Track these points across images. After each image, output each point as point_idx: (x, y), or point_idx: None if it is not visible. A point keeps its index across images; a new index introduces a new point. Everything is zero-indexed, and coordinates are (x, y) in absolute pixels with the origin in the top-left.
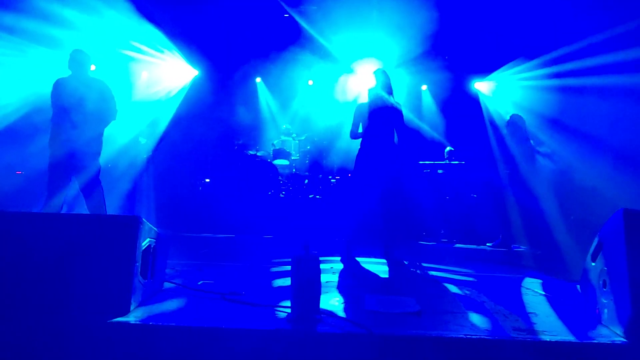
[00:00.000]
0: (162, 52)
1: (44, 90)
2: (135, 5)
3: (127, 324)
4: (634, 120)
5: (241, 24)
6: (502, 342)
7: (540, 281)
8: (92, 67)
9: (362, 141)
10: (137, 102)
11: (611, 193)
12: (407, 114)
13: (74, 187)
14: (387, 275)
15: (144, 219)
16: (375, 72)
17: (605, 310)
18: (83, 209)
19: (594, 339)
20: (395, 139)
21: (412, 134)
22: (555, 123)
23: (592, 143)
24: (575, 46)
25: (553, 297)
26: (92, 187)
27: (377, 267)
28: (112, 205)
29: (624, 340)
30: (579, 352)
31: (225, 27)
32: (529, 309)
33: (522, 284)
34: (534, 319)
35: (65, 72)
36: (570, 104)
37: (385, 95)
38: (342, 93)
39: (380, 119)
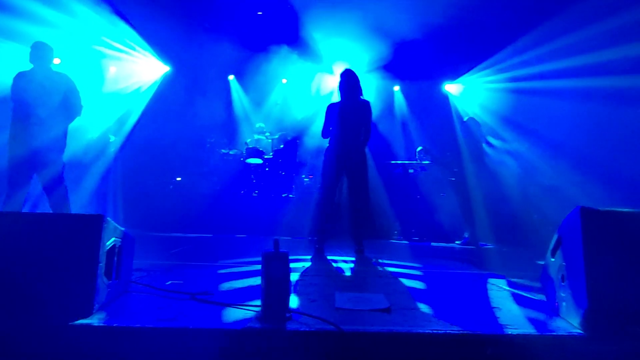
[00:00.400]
0: (131, 47)
1: (3, 84)
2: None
3: (89, 326)
4: (592, 122)
5: (213, 20)
6: (467, 335)
7: (504, 277)
8: (56, 61)
9: (330, 140)
10: (105, 97)
11: (572, 192)
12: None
13: (37, 184)
14: (357, 274)
15: (108, 218)
16: (343, 72)
17: (564, 304)
18: (47, 207)
19: (552, 332)
20: (365, 138)
21: (380, 133)
22: (516, 124)
23: (552, 144)
24: (535, 52)
25: (516, 292)
26: (55, 185)
27: (348, 265)
28: (78, 203)
29: (581, 332)
30: (538, 344)
31: (197, 23)
32: (493, 304)
33: (488, 280)
34: (497, 314)
35: (26, 66)
36: (531, 106)
37: (355, 96)
38: (316, 91)
39: (349, 118)
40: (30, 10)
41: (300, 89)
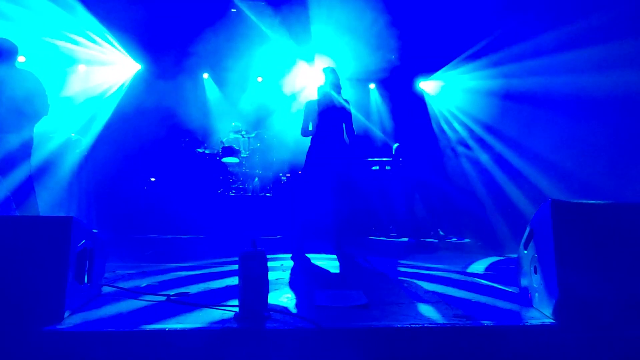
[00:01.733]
0: (100, 45)
1: None
2: None
3: (60, 331)
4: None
5: (186, 16)
6: (444, 329)
7: (480, 270)
8: (21, 59)
9: (312, 139)
10: (74, 97)
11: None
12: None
13: (2, 189)
14: (337, 271)
15: (78, 220)
16: (324, 70)
17: (536, 294)
18: (12, 212)
19: (526, 322)
20: (345, 136)
21: (360, 132)
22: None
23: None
24: (515, 49)
25: (491, 285)
26: (23, 190)
27: (328, 262)
28: (47, 207)
29: (553, 321)
30: (512, 334)
31: (169, 19)
32: (469, 297)
33: (464, 274)
34: (473, 306)
35: None
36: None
37: (334, 94)
38: (291, 88)
39: (330, 117)
40: None
41: (275, 87)
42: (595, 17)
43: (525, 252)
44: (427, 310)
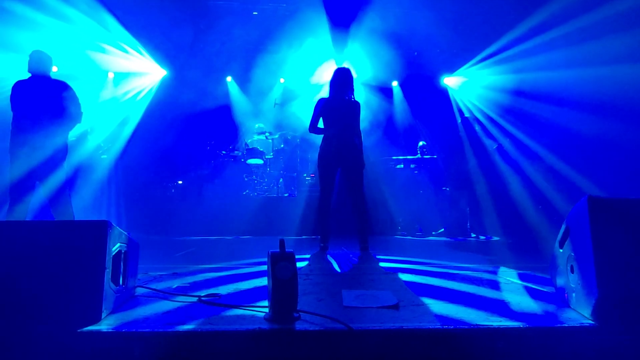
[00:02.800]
0: (128, 52)
1: (3, 94)
2: (101, 3)
3: (98, 332)
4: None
5: (209, 21)
6: (478, 330)
7: (512, 269)
8: (54, 69)
9: (322, 138)
10: (105, 104)
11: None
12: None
13: (39, 193)
14: (363, 271)
15: (113, 223)
16: (337, 69)
17: (574, 295)
18: (50, 216)
19: (563, 323)
20: (357, 134)
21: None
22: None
23: (555, 133)
24: (538, 39)
25: (525, 284)
26: (58, 194)
27: (354, 262)
28: (80, 211)
29: (592, 322)
30: (549, 336)
31: (193, 25)
32: (502, 297)
33: (496, 273)
34: (506, 307)
35: (25, 75)
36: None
37: (345, 93)
38: (314, 89)
39: (339, 115)
40: (28, 17)
41: (298, 87)
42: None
43: (561, 250)
44: (459, 311)
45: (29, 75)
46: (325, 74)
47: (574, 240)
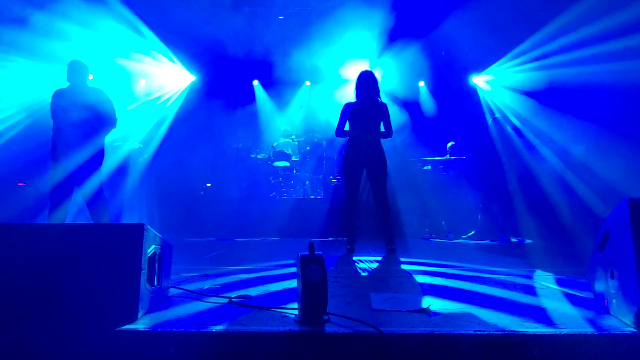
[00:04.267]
0: (158, 59)
1: (45, 102)
2: (133, 12)
3: (135, 331)
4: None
5: (235, 26)
6: (513, 336)
7: (547, 274)
8: (90, 77)
9: (347, 140)
10: (136, 109)
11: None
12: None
13: (77, 197)
14: (391, 274)
15: (148, 226)
16: (361, 73)
17: (614, 301)
18: (87, 218)
19: (604, 330)
20: (382, 137)
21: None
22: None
23: (588, 132)
24: (570, 37)
25: (561, 289)
26: (95, 198)
27: (381, 265)
28: (115, 213)
29: (634, 330)
30: (589, 343)
31: (219, 30)
32: (537, 302)
33: (530, 277)
34: (542, 312)
35: (64, 83)
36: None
37: (371, 96)
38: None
39: (365, 118)
40: (64, 30)
41: (323, 90)
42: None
43: (600, 255)
44: (492, 316)
45: (68, 84)
46: (350, 75)
47: (614, 244)
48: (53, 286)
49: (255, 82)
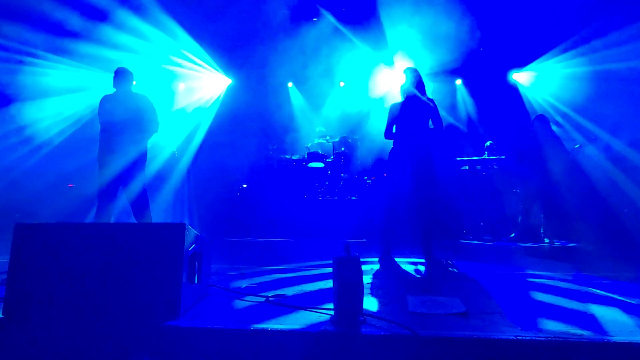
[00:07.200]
0: (197, 63)
1: (93, 107)
2: (175, 20)
3: (178, 327)
4: None
5: (269, 29)
6: (557, 342)
7: (594, 278)
8: (134, 83)
9: (395, 140)
10: (176, 113)
11: None
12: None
13: (122, 198)
14: (428, 276)
15: (188, 226)
16: (405, 70)
17: None
18: (131, 218)
19: None
20: (430, 135)
21: (449, 130)
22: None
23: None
24: (614, 35)
25: (609, 295)
26: (139, 199)
27: (417, 267)
28: (157, 213)
29: None
30: (637, 352)
31: (254, 34)
32: (583, 308)
33: (574, 282)
34: (589, 319)
35: (110, 89)
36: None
37: (418, 93)
38: (374, 90)
39: (414, 116)
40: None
41: (357, 91)
42: None
43: None
44: (534, 322)
45: (114, 90)
46: (384, 75)
47: None
48: (101, 283)
49: (290, 84)
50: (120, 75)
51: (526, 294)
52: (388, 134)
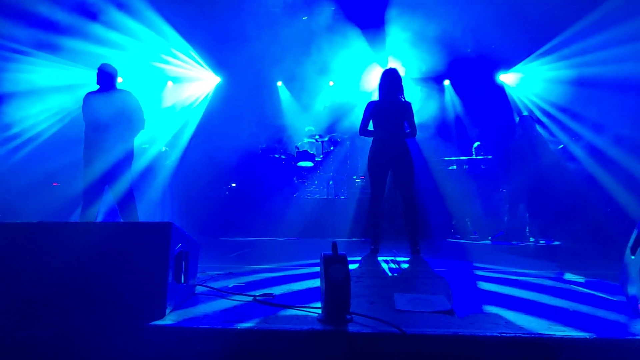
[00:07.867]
0: (185, 61)
1: (78, 104)
2: (162, 17)
3: (163, 327)
4: None
5: (260, 28)
6: (540, 339)
7: (576, 276)
8: (119, 80)
9: (372, 140)
10: (163, 111)
11: None
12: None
13: (107, 197)
14: (416, 274)
15: (175, 225)
16: (385, 71)
17: None
18: (117, 217)
19: (636, 335)
20: (406, 136)
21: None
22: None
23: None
24: (595, 38)
25: (591, 292)
26: (125, 197)
27: (405, 266)
28: (143, 212)
29: None
30: (620, 348)
31: (244, 32)
32: (566, 305)
33: (558, 280)
34: (571, 316)
35: (94, 87)
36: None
37: (394, 95)
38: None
39: (389, 117)
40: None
41: (348, 89)
42: None
43: (633, 257)
44: (519, 319)
45: (98, 87)
46: (374, 75)
47: None
48: (85, 282)
49: (280, 83)
50: (104, 71)
51: (512, 291)
52: (363, 131)
